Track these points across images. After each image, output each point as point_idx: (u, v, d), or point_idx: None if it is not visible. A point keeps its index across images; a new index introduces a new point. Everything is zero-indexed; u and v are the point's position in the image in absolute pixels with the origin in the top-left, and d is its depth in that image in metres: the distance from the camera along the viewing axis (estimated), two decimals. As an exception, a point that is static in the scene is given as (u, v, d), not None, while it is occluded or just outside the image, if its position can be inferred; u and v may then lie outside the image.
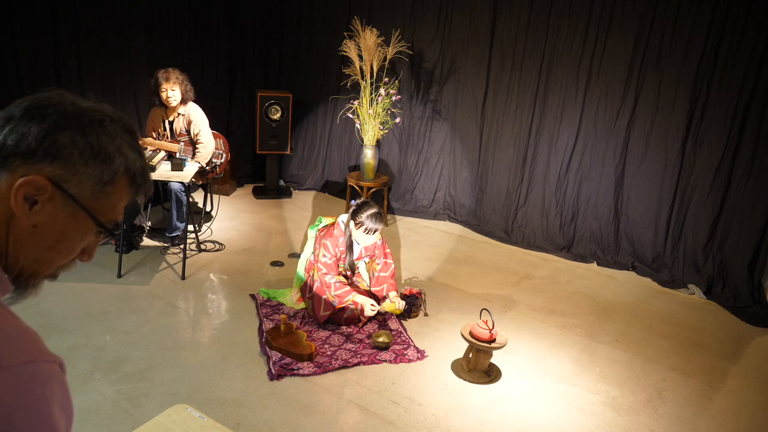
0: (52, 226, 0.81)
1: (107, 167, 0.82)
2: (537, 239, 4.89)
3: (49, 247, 0.82)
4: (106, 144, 0.82)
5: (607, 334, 3.54)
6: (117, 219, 0.87)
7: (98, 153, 0.81)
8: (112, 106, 0.86)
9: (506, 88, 4.90)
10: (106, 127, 0.82)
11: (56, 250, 0.83)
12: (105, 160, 0.82)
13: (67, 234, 0.82)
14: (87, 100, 0.84)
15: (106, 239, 0.93)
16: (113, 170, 0.83)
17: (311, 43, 5.76)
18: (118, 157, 0.83)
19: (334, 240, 3.40)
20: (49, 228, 0.80)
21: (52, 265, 0.84)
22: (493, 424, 2.66)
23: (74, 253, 0.85)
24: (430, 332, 3.41)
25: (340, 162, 5.92)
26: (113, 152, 0.82)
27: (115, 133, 0.84)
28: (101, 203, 0.83)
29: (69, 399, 0.74)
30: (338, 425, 2.57)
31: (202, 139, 4.31)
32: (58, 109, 0.80)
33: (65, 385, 0.74)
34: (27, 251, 0.81)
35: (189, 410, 1.59)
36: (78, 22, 4.29)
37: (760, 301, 4.04)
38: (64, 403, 0.73)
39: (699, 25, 4.03)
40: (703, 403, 2.95)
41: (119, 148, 0.83)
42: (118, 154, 0.83)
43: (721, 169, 4.15)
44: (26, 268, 0.82)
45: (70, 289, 3.53)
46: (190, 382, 2.77)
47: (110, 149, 0.82)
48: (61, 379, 0.73)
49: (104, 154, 0.82)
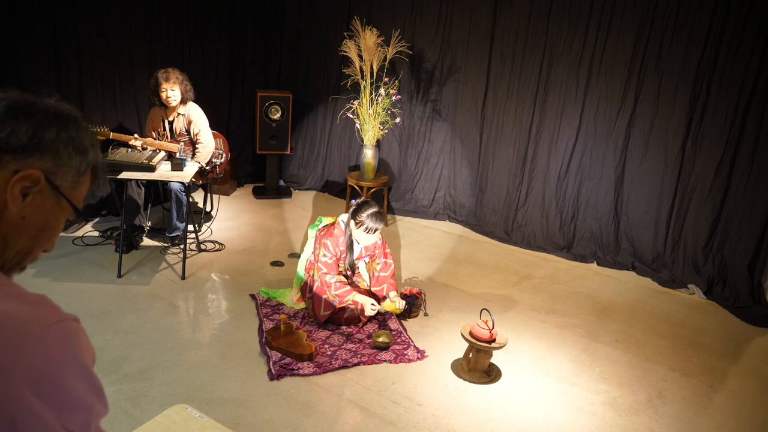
0: (37, 217, 0.87)
1: (84, 159, 0.90)
2: (537, 239, 4.89)
3: (32, 237, 0.88)
4: (83, 139, 0.90)
5: (607, 334, 3.54)
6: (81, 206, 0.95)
7: (79, 147, 0.88)
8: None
9: (506, 88, 4.90)
10: (80, 123, 0.90)
11: (37, 239, 0.89)
12: (83, 153, 0.89)
13: (49, 223, 0.89)
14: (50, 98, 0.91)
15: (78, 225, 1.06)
16: (88, 162, 0.91)
17: (311, 43, 5.76)
18: (91, 150, 0.91)
19: (335, 239, 3.40)
20: (35, 218, 0.86)
21: (32, 256, 0.90)
22: (493, 424, 2.66)
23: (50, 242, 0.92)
24: (430, 332, 3.41)
25: (340, 162, 5.92)
26: (88, 146, 0.90)
27: (86, 129, 0.91)
28: (76, 192, 0.91)
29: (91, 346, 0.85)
30: (338, 425, 2.57)
31: (202, 139, 4.31)
32: (40, 107, 0.86)
33: (86, 335, 0.84)
34: (13, 243, 0.86)
35: (189, 410, 1.59)
36: (78, 22, 4.30)
37: (760, 301, 4.04)
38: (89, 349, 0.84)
39: (699, 25, 4.03)
40: (703, 403, 2.95)
41: (91, 142, 0.91)
42: (91, 148, 0.91)
43: (721, 169, 4.15)
44: (10, 260, 0.87)
45: (70, 289, 3.53)
46: (190, 382, 2.77)
47: (86, 143, 0.90)
48: (83, 331, 0.84)
49: (82, 147, 0.89)
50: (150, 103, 4.38)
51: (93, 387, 0.82)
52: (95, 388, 0.82)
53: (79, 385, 0.79)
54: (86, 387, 0.80)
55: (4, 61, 3.96)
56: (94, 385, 0.82)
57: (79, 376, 0.79)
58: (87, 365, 0.81)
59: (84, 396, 0.80)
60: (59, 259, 3.90)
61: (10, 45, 3.97)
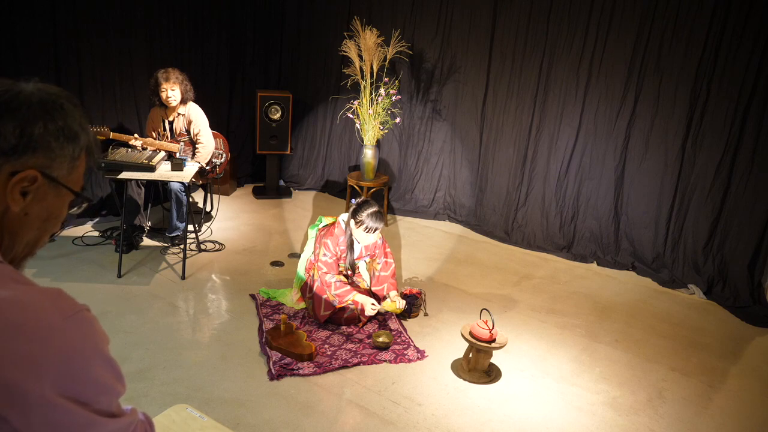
0: (40, 210, 0.88)
1: (76, 145, 0.89)
2: (537, 239, 4.89)
3: (38, 228, 0.90)
4: (72, 124, 0.88)
5: (607, 334, 3.54)
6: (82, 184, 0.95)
7: (69, 135, 0.88)
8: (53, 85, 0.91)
9: (506, 88, 4.90)
10: (66, 109, 0.88)
11: (43, 229, 0.91)
12: (74, 139, 0.89)
13: (52, 212, 0.91)
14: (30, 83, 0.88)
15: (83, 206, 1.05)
16: (80, 146, 0.90)
17: (311, 43, 5.76)
18: (82, 134, 0.90)
19: (335, 239, 3.40)
20: (38, 212, 0.88)
21: (40, 244, 0.93)
22: (493, 424, 2.66)
23: (57, 227, 0.94)
24: (430, 332, 3.41)
25: (340, 162, 5.92)
26: (78, 131, 0.89)
27: (73, 112, 0.90)
28: (73, 177, 0.91)
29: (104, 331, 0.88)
30: (338, 425, 2.57)
31: (202, 139, 4.31)
32: (22, 101, 0.84)
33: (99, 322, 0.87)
34: (21, 237, 0.88)
35: (189, 410, 1.59)
36: (78, 22, 4.30)
37: (760, 301, 4.04)
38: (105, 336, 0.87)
39: (699, 25, 4.03)
40: (703, 403, 2.95)
41: (81, 125, 0.90)
42: (82, 131, 0.90)
43: (721, 169, 4.15)
44: (19, 252, 0.90)
45: (70, 289, 3.49)
46: (190, 382, 2.77)
47: (75, 128, 0.89)
48: (97, 319, 0.87)
49: (72, 134, 0.88)
50: (150, 103, 4.38)
51: (113, 370, 0.86)
52: (115, 371, 0.87)
53: (101, 372, 0.83)
54: (107, 371, 0.85)
55: (4, 61, 3.95)
56: (114, 368, 0.87)
57: (101, 362, 0.84)
58: (106, 351, 0.85)
59: (106, 380, 0.84)
60: (59, 259, 3.90)
61: (10, 45, 3.97)
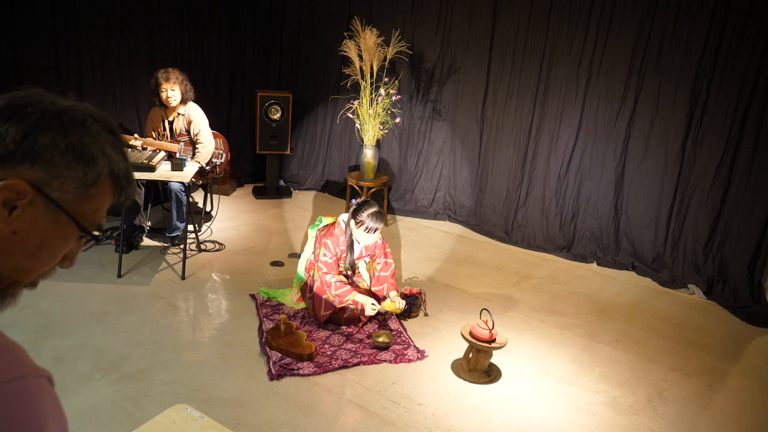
0: (32, 232, 0.76)
1: (91, 169, 0.78)
2: (537, 239, 4.89)
3: (29, 254, 0.77)
4: (89, 145, 0.78)
5: (607, 334, 3.54)
6: (100, 223, 0.83)
7: (81, 154, 0.77)
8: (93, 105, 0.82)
9: (506, 88, 4.90)
10: (88, 127, 0.78)
11: (37, 257, 0.78)
12: (88, 162, 0.78)
13: (48, 240, 0.78)
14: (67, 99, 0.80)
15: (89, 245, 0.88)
16: (97, 172, 0.79)
17: (311, 43, 5.76)
18: (102, 158, 0.79)
19: (335, 239, 3.40)
20: (29, 234, 0.76)
21: (33, 274, 0.80)
22: (493, 424, 2.66)
23: (56, 260, 0.81)
24: (430, 332, 3.41)
25: (340, 162, 5.92)
26: (97, 153, 0.78)
27: (98, 133, 0.80)
28: (84, 207, 0.79)
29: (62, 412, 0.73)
30: (338, 425, 2.57)
31: (202, 139, 4.31)
32: (37, 108, 0.76)
33: (56, 398, 0.72)
34: (6, 259, 0.76)
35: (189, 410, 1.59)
36: (78, 22, 4.30)
37: (760, 301, 4.04)
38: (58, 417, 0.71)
39: (699, 25, 4.03)
40: (703, 403, 2.95)
41: (102, 149, 0.79)
42: (102, 156, 0.79)
43: (721, 169, 4.15)
44: (6, 277, 0.77)
45: (70, 289, 3.53)
46: (190, 382, 2.77)
47: (93, 150, 0.78)
48: (52, 393, 0.71)
49: (87, 155, 0.78)
50: (150, 103, 4.38)
51: None
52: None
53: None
54: None
55: (4, 61, 3.95)
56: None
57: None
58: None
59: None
60: (59, 259, 3.90)
61: (10, 45, 3.97)
